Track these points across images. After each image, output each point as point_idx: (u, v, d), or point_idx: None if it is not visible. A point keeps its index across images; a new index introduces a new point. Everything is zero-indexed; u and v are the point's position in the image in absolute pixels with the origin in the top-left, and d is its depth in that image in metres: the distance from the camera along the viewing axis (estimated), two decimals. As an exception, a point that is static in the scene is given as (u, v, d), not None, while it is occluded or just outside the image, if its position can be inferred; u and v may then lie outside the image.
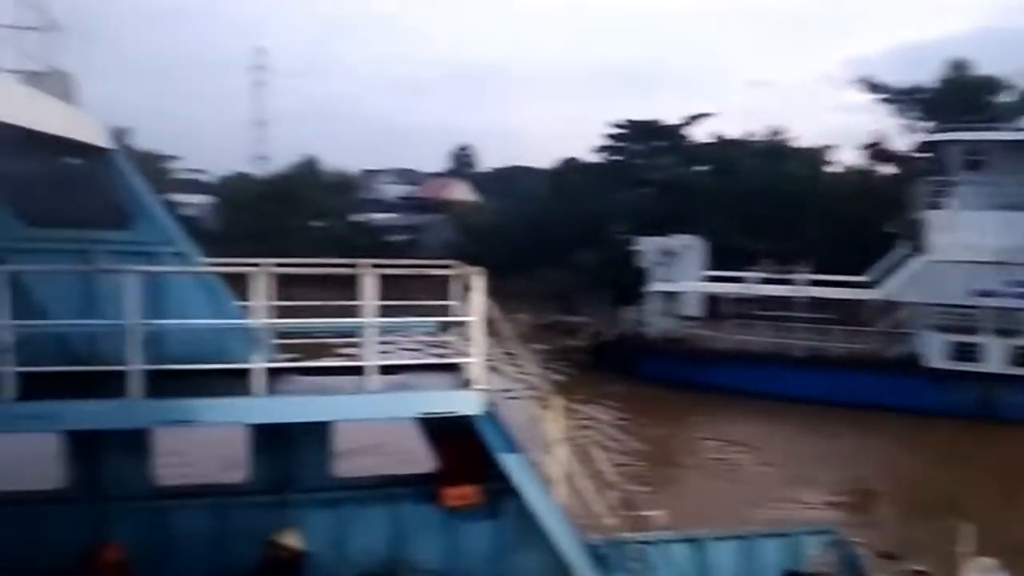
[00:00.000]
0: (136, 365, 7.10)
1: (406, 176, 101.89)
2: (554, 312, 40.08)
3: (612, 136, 59.53)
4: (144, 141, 74.55)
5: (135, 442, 8.39)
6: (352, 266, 8.42)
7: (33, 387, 7.12)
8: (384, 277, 8.26)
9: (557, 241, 52.38)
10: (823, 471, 22.72)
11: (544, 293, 46.18)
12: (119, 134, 68.48)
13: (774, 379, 29.39)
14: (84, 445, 8.32)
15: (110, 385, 7.22)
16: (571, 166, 63.47)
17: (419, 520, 9.20)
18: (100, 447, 8.38)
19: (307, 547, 8.28)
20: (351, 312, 8.20)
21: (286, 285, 8.91)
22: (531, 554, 9.11)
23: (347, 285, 8.16)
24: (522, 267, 51.35)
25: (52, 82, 7.83)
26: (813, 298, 32.01)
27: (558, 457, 8.66)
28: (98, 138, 8.38)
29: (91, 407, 7.21)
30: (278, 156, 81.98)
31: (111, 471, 8.49)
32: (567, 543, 8.60)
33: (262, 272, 7.88)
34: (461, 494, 8.89)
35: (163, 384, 7.40)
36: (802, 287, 32.07)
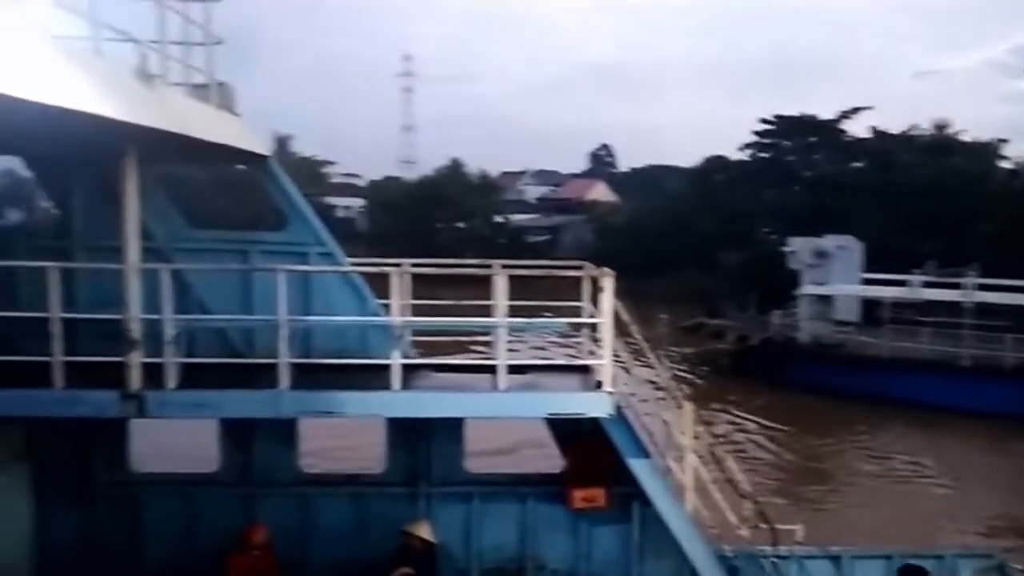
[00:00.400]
0: (286, 358, 7.55)
1: (546, 177, 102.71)
2: (696, 314, 39.02)
3: (760, 133, 57.21)
4: (303, 147, 79.30)
5: (283, 431, 8.94)
6: (485, 266, 8.58)
7: (194, 377, 7.74)
8: (520, 277, 8.38)
9: (699, 241, 51.07)
10: (989, 489, 20.84)
11: (685, 295, 45.14)
12: (281, 141, 73.24)
13: (937, 389, 27.24)
14: (238, 433, 8.96)
15: (262, 377, 7.73)
16: (716, 164, 61.65)
17: (547, 519, 9.26)
18: (252, 435, 8.99)
19: (438, 539, 8.52)
20: (485, 311, 8.37)
21: (431, 284, 9.16)
22: (659, 561, 8.95)
23: (488, 285, 8.28)
24: (662, 268, 50.46)
25: (215, 93, 8.45)
26: (982, 303, 29.41)
27: (689, 463, 8.45)
28: (256, 145, 8.98)
29: (245, 397, 7.74)
30: (425, 160, 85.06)
31: (261, 458, 9.09)
32: (697, 552, 8.37)
33: (401, 272, 8.17)
34: (588, 496, 8.85)
35: (309, 377, 7.85)
36: (970, 291, 29.53)
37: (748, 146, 58.35)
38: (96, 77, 5.89)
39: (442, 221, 66.60)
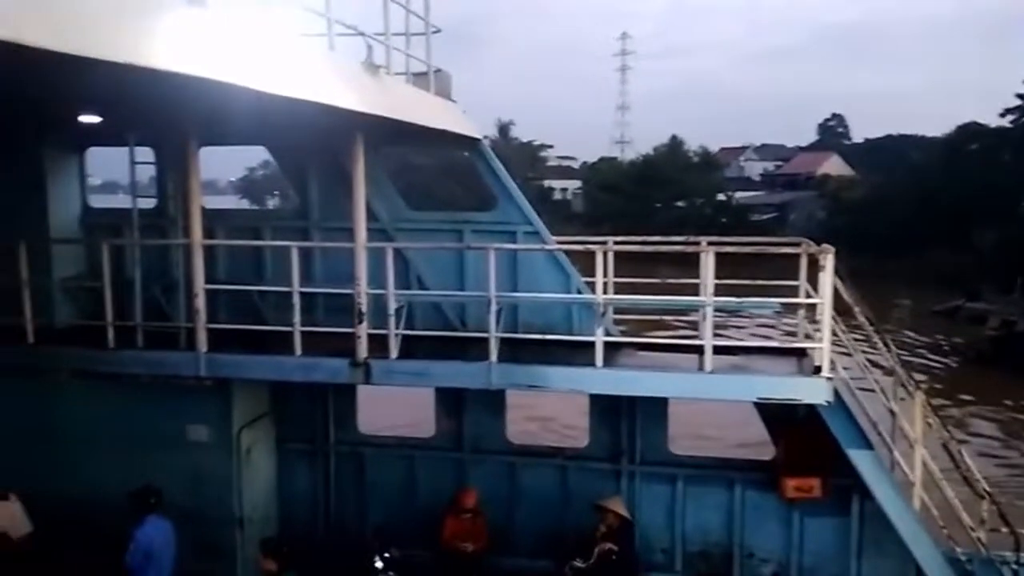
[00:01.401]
0: (495, 333, 7.86)
1: (770, 151, 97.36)
2: (946, 298, 35.20)
3: (1025, 96, 50.31)
4: (523, 132, 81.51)
5: (492, 402, 9.32)
6: (692, 243, 8.34)
7: (413, 348, 8.29)
8: (740, 257, 8.05)
9: (950, 218, 46.01)
10: None
11: (934, 276, 40.89)
12: (502, 128, 75.85)
13: None
14: (451, 401, 9.47)
15: (473, 349, 8.11)
16: (970, 132, 55.03)
17: (756, 507, 8.89)
18: (464, 404, 9.47)
19: (639, 518, 8.48)
20: (694, 290, 8.16)
21: (647, 263, 9.08)
22: (880, 559, 8.27)
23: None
24: (907, 247, 46.11)
25: (432, 81, 8.92)
26: None
27: (918, 457, 7.69)
28: (469, 130, 9.37)
29: (457, 368, 8.15)
30: (640, 139, 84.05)
31: (472, 426, 9.55)
32: (925, 552, 7.62)
33: (605, 249, 8.17)
34: (802, 485, 8.34)
35: (517, 351, 8.11)
36: None
37: (1009, 111, 51.50)
38: (331, 70, 6.44)
39: (660, 201, 65.55)
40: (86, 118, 7.58)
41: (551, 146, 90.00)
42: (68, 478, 8.86)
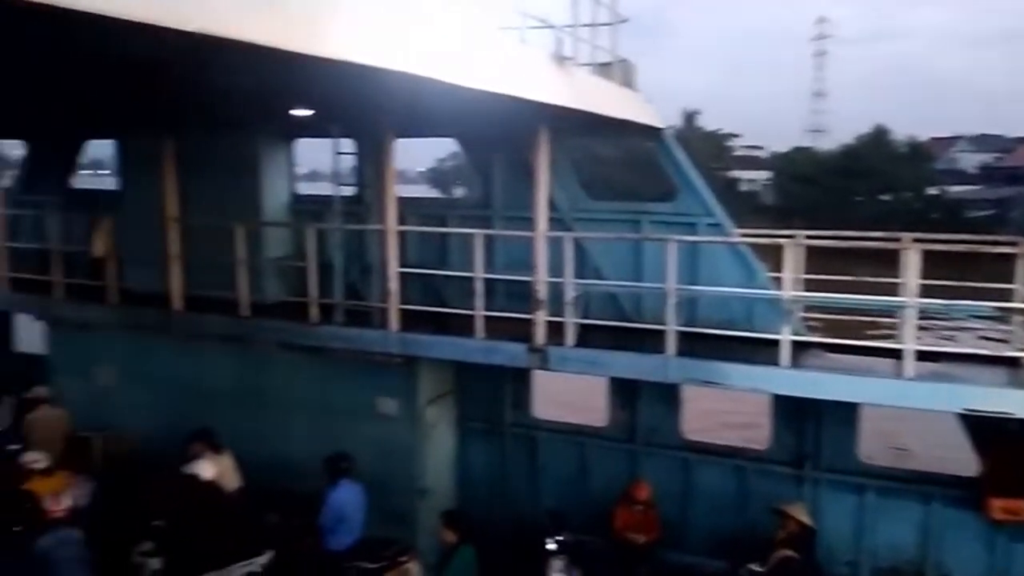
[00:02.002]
0: (672, 326, 7.76)
1: (987, 143, 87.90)
2: None
3: None
4: (709, 122, 78.90)
5: (667, 395, 9.20)
6: (892, 240, 7.77)
7: (588, 336, 8.36)
8: (943, 255, 7.45)
9: None
10: None
11: None
12: (688, 116, 73.95)
13: None
14: (626, 393, 9.44)
15: (649, 342, 8.05)
16: None
17: (955, 526, 8.17)
18: (638, 396, 9.41)
19: (822, 527, 8.05)
20: (891, 290, 7.62)
21: (844, 260, 8.58)
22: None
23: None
24: None
25: (617, 71, 8.90)
26: None
27: None
28: (651, 119, 9.27)
29: (633, 360, 8.12)
30: (836, 128, 78.93)
31: (646, 419, 9.47)
32: None
33: (794, 244, 7.81)
34: (1011, 507, 7.56)
35: (695, 345, 7.96)
36: None
37: None
38: (521, 63, 6.61)
39: (862, 194, 61.11)
40: (298, 111, 8.25)
41: (738, 135, 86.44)
42: (271, 440, 9.76)
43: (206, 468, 8.39)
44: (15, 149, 13.52)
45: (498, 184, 10.06)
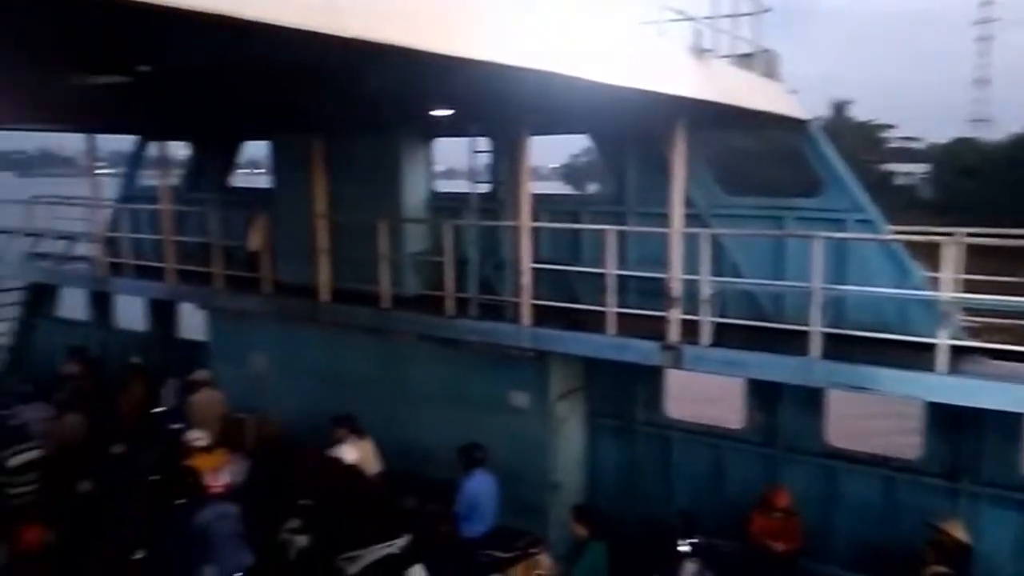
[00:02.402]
0: (817, 327, 7.43)
1: None
2: None
3: None
4: (862, 112, 74.55)
5: (810, 399, 8.82)
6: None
7: (724, 336, 8.14)
8: None
9: None
10: None
11: None
12: (838, 107, 70.38)
13: None
14: (764, 395, 9.13)
15: (791, 343, 7.75)
16: None
17: None
18: (778, 399, 9.07)
19: (980, 546, 7.49)
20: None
21: (1010, 260, 7.96)
22: None
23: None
24: None
25: (759, 61, 8.60)
26: None
27: None
28: (796, 111, 8.90)
29: (772, 361, 7.83)
30: (1003, 117, 72.62)
31: (786, 423, 9.12)
32: None
33: (954, 242, 7.30)
34: None
35: (841, 348, 7.59)
36: None
37: None
38: (660, 57, 6.53)
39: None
40: (439, 112, 8.49)
41: (893, 126, 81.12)
42: (407, 427, 10.13)
43: (349, 452, 8.83)
44: (181, 150, 14.62)
45: (632, 180, 9.97)
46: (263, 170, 14.57)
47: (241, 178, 15.31)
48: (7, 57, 4.26)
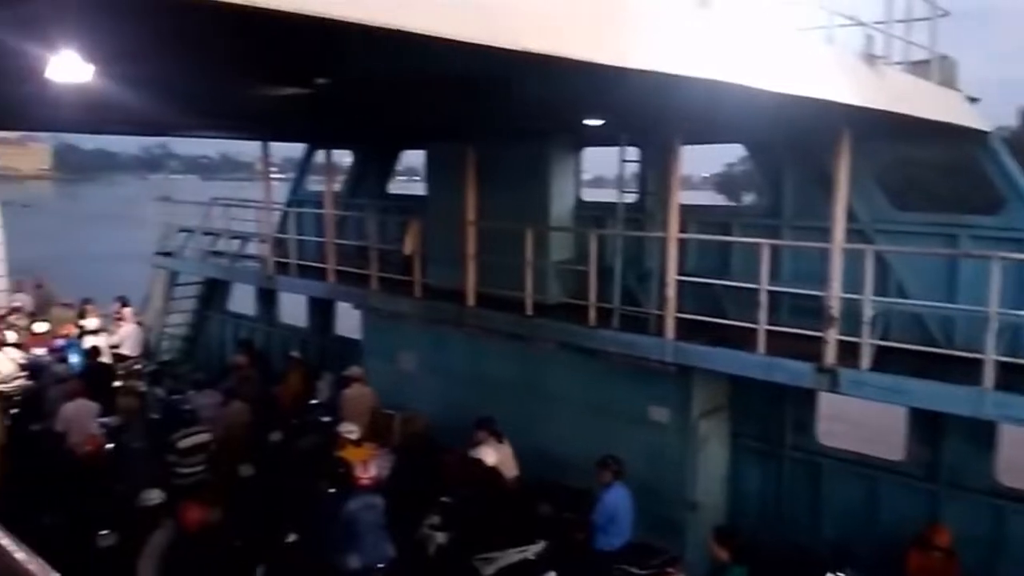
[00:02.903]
0: (991, 355, 6.86)
1: None
2: None
3: None
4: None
5: (979, 433, 8.13)
6: None
7: (885, 360, 7.65)
8: None
9: None
10: None
11: None
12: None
13: None
14: (928, 426, 8.50)
15: (961, 371, 7.18)
16: None
17: None
18: (944, 431, 8.42)
19: None
20: None
21: None
22: None
23: None
24: None
25: (935, 69, 8.05)
26: None
27: None
28: (976, 122, 8.26)
29: (939, 390, 7.28)
30: None
31: (951, 457, 8.45)
32: None
33: None
34: None
35: (1017, 379, 6.97)
36: None
37: None
38: (826, 64, 6.25)
39: None
40: (590, 121, 8.53)
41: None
42: (544, 434, 10.18)
43: (489, 454, 8.99)
44: (345, 158, 15.47)
45: (788, 191, 9.59)
46: (419, 178, 15.17)
47: (399, 185, 16.01)
48: (198, 71, 4.68)
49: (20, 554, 1.38)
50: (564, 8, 3.17)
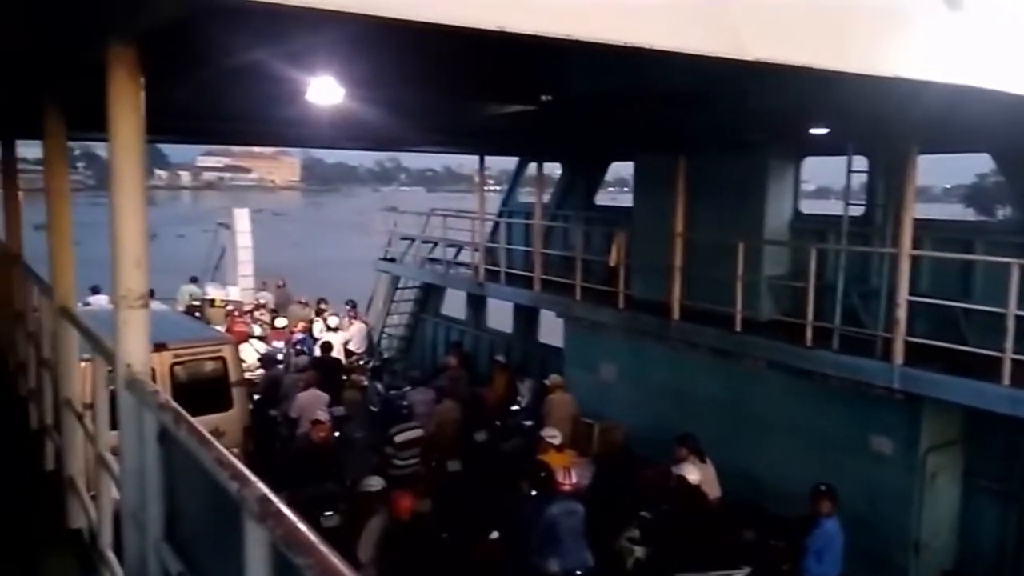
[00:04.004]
0: None
1: None
2: None
3: None
4: None
5: None
6: None
7: None
8: None
9: None
10: None
11: None
12: None
13: None
14: None
15: None
16: None
17: None
18: None
19: None
20: None
21: None
22: None
23: None
24: None
25: None
26: None
27: None
28: None
29: None
30: None
31: None
32: None
33: None
34: None
35: None
36: None
37: None
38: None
39: None
40: (815, 130, 8.11)
41: None
42: (748, 456, 9.75)
43: (691, 472, 8.77)
44: (555, 170, 15.85)
45: None
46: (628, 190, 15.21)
47: (607, 196, 16.15)
48: (435, 92, 5.03)
49: (302, 525, 1.56)
50: (804, 15, 3.06)
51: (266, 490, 1.73)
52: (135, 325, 2.85)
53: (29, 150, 8.49)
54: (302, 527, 1.55)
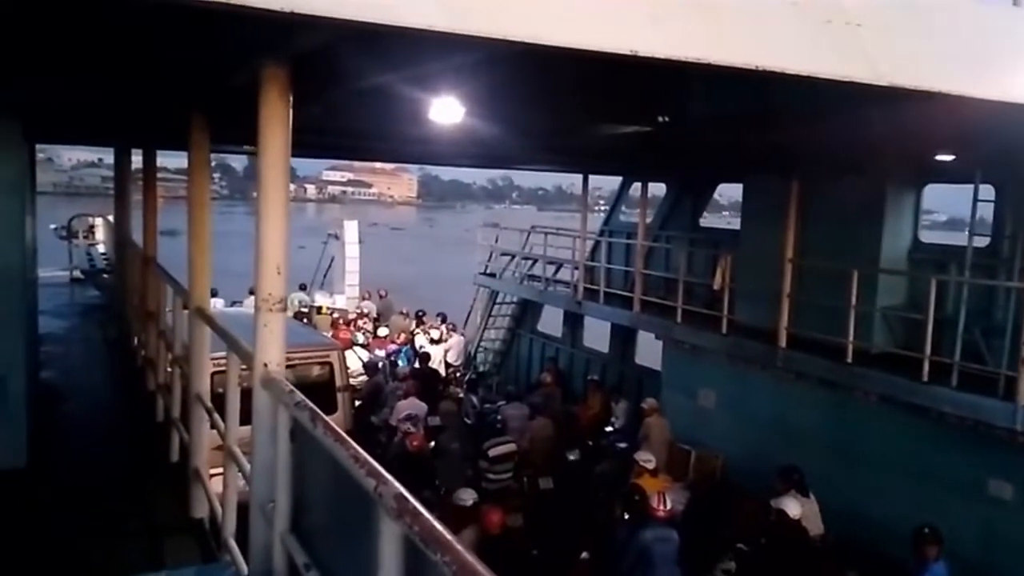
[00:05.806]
0: None
1: None
2: None
3: None
4: None
5: None
6: None
7: None
8: None
9: None
10: None
11: None
12: None
13: None
14: None
15: None
16: None
17: None
18: None
19: None
20: None
21: None
22: None
23: None
24: None
25: None
26: None
27: None
28: None
29: None
30: None
31: None
32: None
33: None
34: None
35: None
36: None
37: None
38: None
39: None
40: (941, 157, 7.78)
41: None
42: (853, 494, 9.33)
43: (793, 506, 8.48)
44: (659, 190, 15.73)
45: None
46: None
47: (713, 219, 15.91)
48: (552, 112, 5.12)
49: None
50: (937, 41, 2.98)
51: (402, 488, 1.82)
52: (273, 327, 3.02)
53: (167, 159, 9.09)
54: (439, 525, 1.62)
